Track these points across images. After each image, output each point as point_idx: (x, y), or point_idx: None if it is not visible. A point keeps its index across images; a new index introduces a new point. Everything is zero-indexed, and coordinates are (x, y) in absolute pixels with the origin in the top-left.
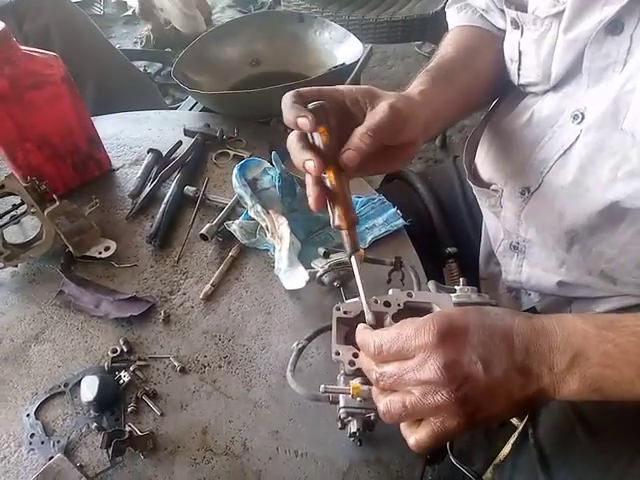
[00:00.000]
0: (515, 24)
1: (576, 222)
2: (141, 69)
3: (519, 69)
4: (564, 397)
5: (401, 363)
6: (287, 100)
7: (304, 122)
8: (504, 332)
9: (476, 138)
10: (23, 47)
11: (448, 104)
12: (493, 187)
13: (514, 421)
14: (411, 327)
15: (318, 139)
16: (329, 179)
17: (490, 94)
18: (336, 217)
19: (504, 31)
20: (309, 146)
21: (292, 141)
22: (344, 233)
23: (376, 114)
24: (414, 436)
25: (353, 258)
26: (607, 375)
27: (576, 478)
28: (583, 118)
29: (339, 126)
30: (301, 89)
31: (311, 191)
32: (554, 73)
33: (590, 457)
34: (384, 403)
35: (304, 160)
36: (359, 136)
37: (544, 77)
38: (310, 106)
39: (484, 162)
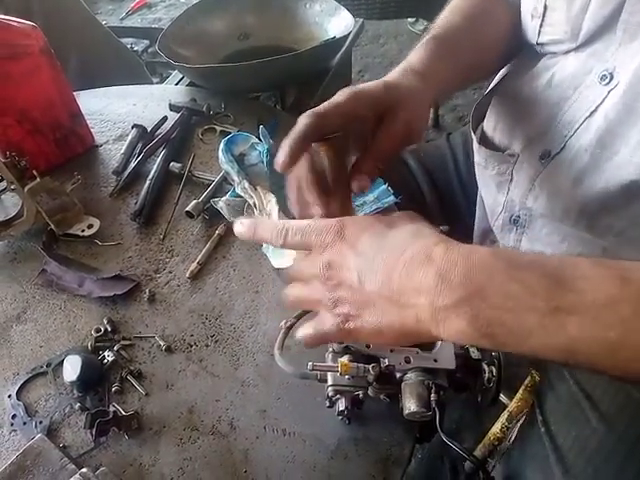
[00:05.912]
0: None
1: (591, 191)
2: (128, 47)
3: (541, 25)
4: (452, 338)
5: (307, 256)
6: (299, 123)
7: (282, 165)
8: (393, 250)
9: (484, 105)
10: None
11: (452, 80)
12: (508, 152)
13: (503, 399)
14: (318, 223)
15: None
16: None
17: (497, 66)
18: None
19: None
20: (317, 182)
21: (303, 169)
22: None
23: (391, 138)
24: (300, 329)
25: None
26: (504, 321)
27: (594, 470)
28: (612, 79)
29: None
30: (321, 111)
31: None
32: (585, 29)
33: (608, 449)
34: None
35: (310, 203)
36: (374, 161)
37: (572, 34)
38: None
39: (496, 127)
